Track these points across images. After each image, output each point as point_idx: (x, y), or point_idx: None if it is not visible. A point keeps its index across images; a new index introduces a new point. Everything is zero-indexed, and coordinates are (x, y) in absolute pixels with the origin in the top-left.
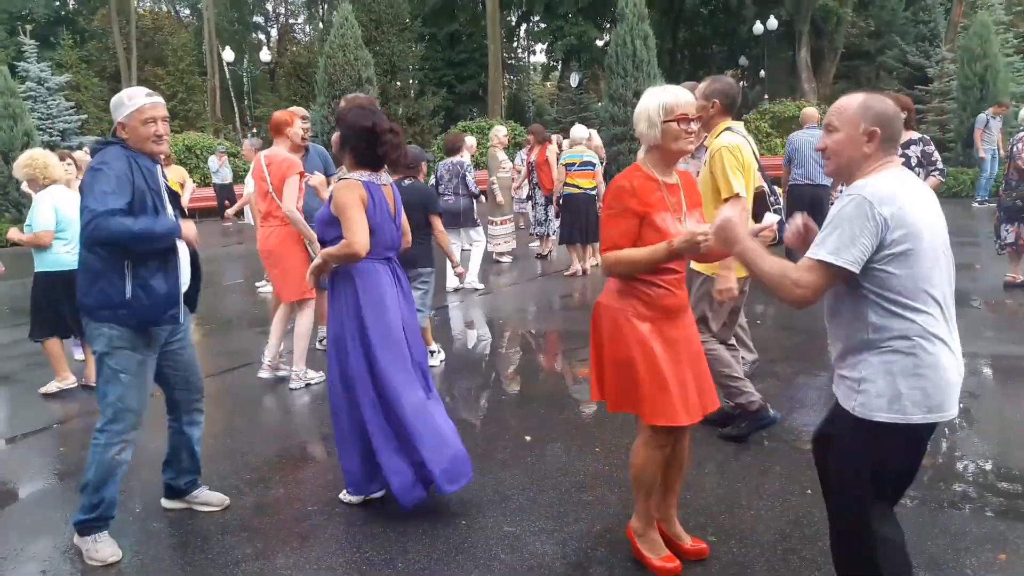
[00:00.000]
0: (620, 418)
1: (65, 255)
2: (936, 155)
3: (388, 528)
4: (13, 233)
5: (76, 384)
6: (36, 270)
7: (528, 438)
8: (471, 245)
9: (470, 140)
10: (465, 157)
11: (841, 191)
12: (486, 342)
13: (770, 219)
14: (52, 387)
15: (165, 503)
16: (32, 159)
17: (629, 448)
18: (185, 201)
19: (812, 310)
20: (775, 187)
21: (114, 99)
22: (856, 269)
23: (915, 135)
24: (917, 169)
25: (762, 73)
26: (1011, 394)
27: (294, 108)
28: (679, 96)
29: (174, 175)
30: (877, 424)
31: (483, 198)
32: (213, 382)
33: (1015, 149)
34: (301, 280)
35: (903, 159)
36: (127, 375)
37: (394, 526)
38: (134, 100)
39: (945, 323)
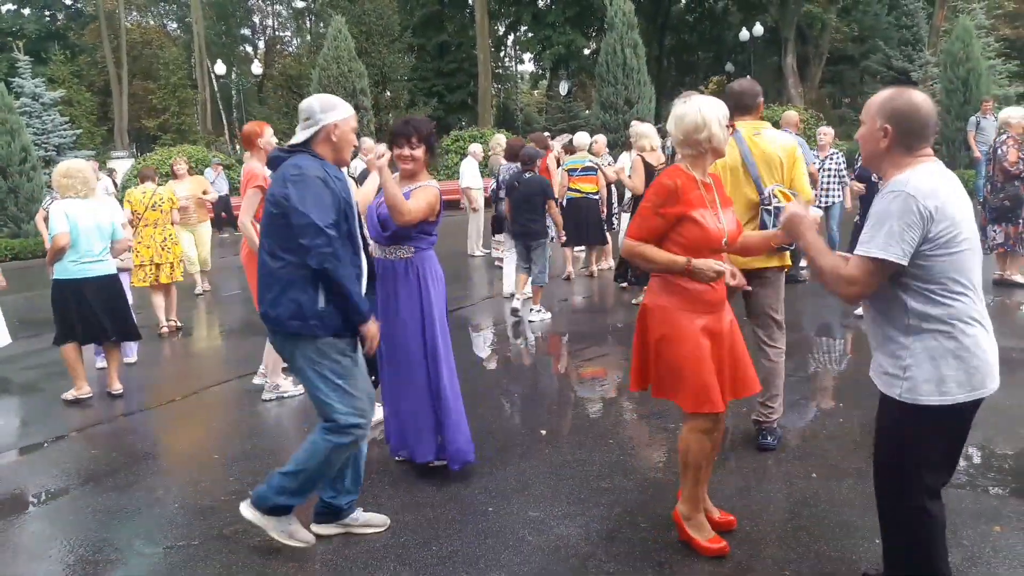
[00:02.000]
0: (629, 414)
1: (71, 265)
2: None
3: (420, 516)
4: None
5: (91, 395)
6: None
7: (544, 432)
8: (506, 252)
9: (475, 147)
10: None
11: (830, 198)
12: (496, 343)
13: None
14: (70, 395)
15: (318, 529)
16: (79, 171)
17: (640, 440)
18: (212, 197)
19: (798, 308)
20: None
21: (321, 102)
22: (905, 263)
23: None
24: None
25: (748, 79)
26: (1002, 382)
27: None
28: (723, 106)
29: (196, 187)
30: (924, 408)
31: None
32: (223, 390)
33: (1000, 151)
34: None
35: None
36: (334, 375)
37: (425, 513)
38: (345, 106)
39: (979, 305)
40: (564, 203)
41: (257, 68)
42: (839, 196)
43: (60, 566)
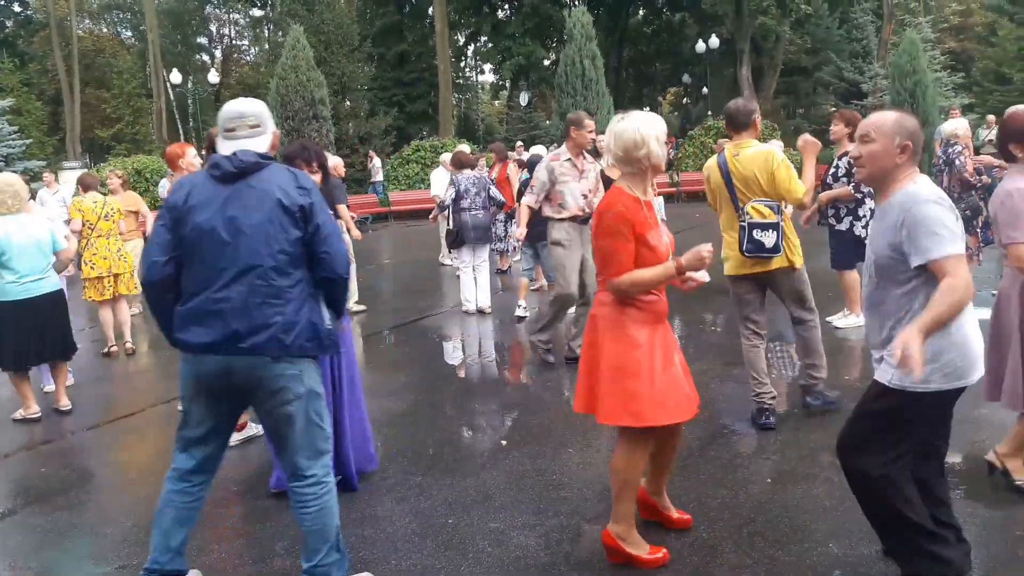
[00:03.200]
0: (588, 421)
1: (12, 287)
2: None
3: (378, 530)
4: None
5: (39, 414)
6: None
7: (504, 442)
8: (478, 265)
9: (446, 156)
10: (483, 170)
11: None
12: (456, 355)
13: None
14: (18, 415)
15: None
16: (8, 185)
17: (599, 448)
18: (150, 219)
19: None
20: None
21: (264, 108)
22: None
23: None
24: (843, 179)
25: (705, 90)
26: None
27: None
28: (662, 122)
29: (128, 203)
30: (908, 393)
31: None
32: (173, 407)
33: (958, 162)
34: None
35: (834, 169)
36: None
37: (383, 527)
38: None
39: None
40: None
41: (214, 77)
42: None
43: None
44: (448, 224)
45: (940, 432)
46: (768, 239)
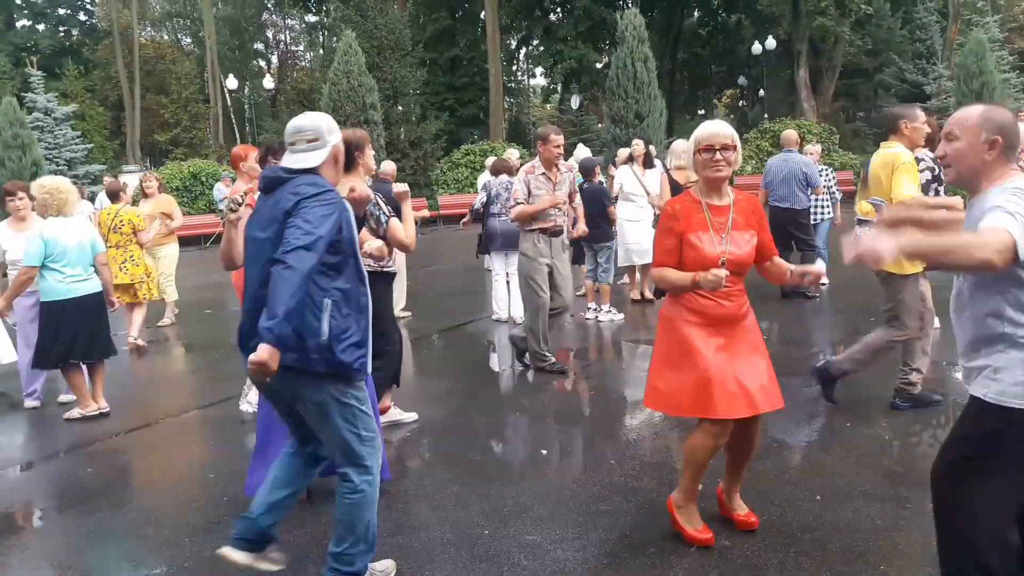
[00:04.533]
0: (630, 433)
1: (58, 284)
2: (922, 176)
3: (413, 539)
4: None
5: (98, 411)
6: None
7: (544, 452)
8: (512, 272)
9: (513, 153)
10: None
11: (821, 215)
12: (499, 362)
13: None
14: (75, 413)
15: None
16: (58, 189)
17: (640, 461)
18: (175, 224)
19: (807, 324)
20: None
21: (327, 121)
22: None
23: (919, 153)
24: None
25: (761, 92)
26: None
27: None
28: (706, 129)
29: (161, 206)
30: (1009, 410)
31: None
32: (214, 410)
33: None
34: None
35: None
36: (367, 404)
37: (419, 536)
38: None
39: None
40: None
41: (269, 83)
42: (829, 212)
43: None
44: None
45: None
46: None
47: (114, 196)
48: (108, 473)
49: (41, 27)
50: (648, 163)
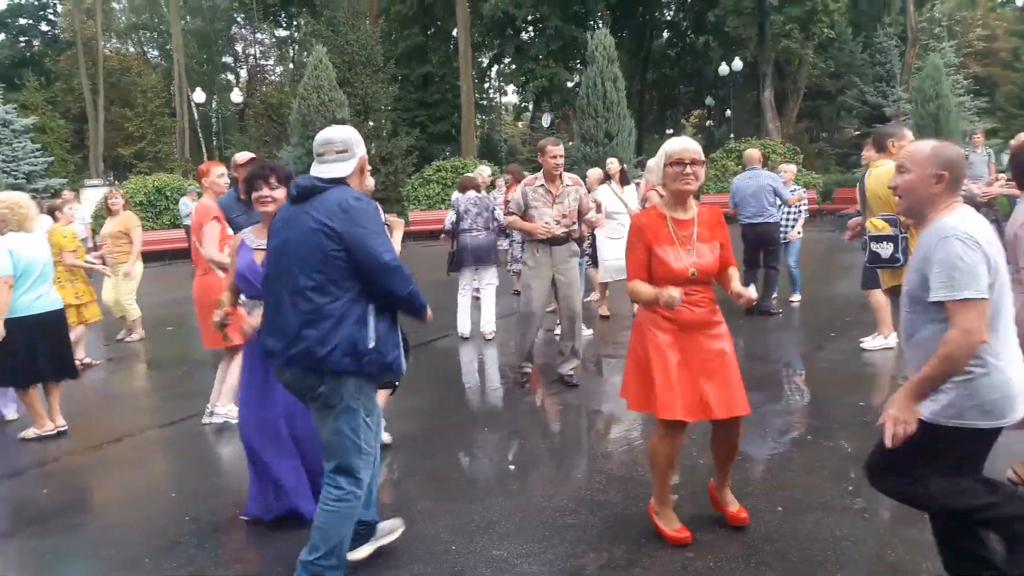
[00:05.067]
0: (596, 448)
1: (20, 300)
2: None
3: (380, 556)
4: None
5: (55, 430)
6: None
7: (511, 467)
8: (483, 287)
9: (484, 170)
10: (502, 191)
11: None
12: (468, 378)
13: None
14: (31, 433)
15: (357, 555)
16: (18, 204)
17: (607, 475)
18: (136, 248)
19: (769, 340)
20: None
21: (354, 134)
22: (989, 297)
23: None
24: None
25: (728, 113)
26: None
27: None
28: (676, 144)
29: (121, 225)
30: (943, 427)
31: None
32: (175, 428)
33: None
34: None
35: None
36: (371, 418)
37: (385, 551)
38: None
39: (1010, 342)
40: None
41: (237, 96)
42: (799, 232)
43: None
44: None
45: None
46: (884, 251)
47: (51, 215)
48: (65, 493)
49: (0, 36)
50: (624, 180)
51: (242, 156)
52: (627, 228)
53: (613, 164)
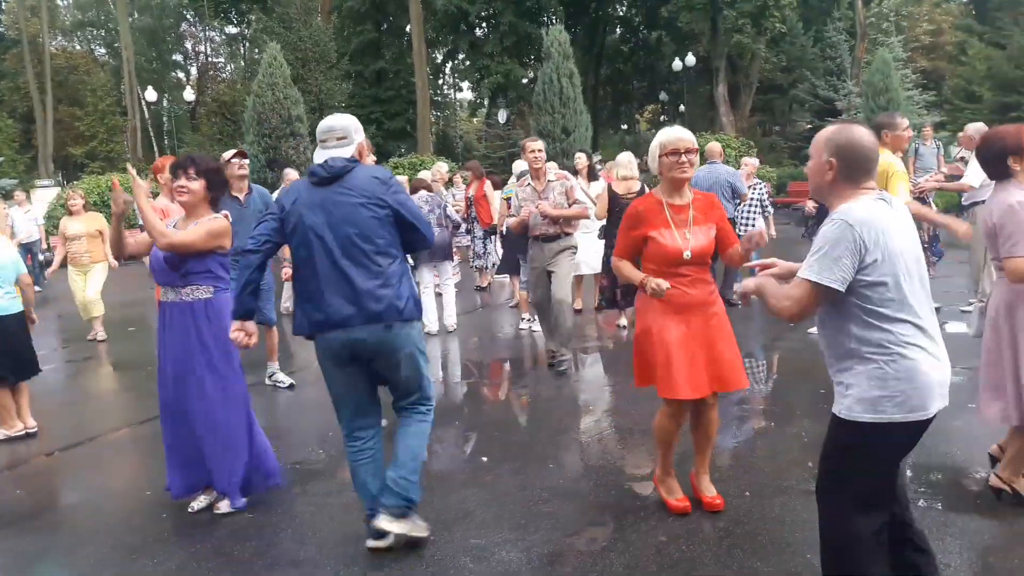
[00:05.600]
0: (569, 439)
1: None
2: None
3: (359, 548)
4: None
5: (24, 431)
6: None
7: (485, 459)
8: (443, 283)
9: (425, 173)
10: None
11: (746, 225)
12: (437, 373)
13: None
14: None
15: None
16: None
17: (582, 465)
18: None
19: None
20: None
21: (354, 122)
22: (841, 287)
23: None
24: None
25: (682, 108)
26: None
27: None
28: (672, 134)
29: (93, 223)
30: (859, 424)
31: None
32: (149, 427)
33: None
34: None
35: None
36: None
37: (363, 546)
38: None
39: (921, 331)
40: (504, 231)
41: (190, 95)
42: (754, 224)
43: None
44: None
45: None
46: None
47: None
48: (39, 495)
49: None
50: (592, 175)
51: (228, 154)
52: (593, 222)
53: (581, 159)
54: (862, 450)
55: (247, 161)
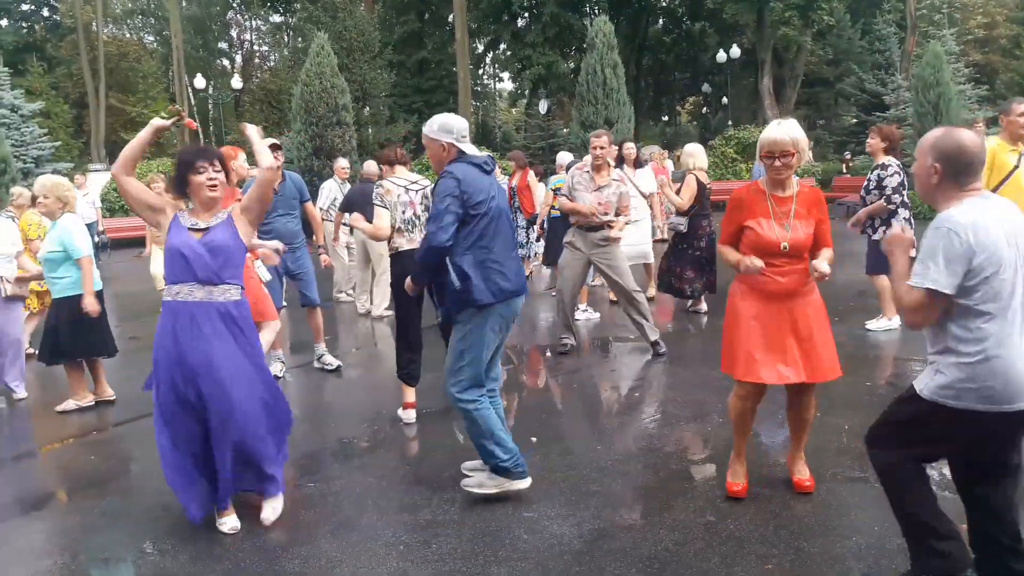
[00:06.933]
0: (613, 424)
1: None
2: (888, 181)
3: (418, 517)
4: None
5: (93, 402)
6: (62, 295)
7: (534, 439)
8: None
9: None
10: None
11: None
12: None
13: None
14: (70, 404)
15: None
16: (69, 188)
17: (627, 446)
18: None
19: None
20: None
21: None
22: (952, 292)
23: (886, 160)
24: (875, 191)
25: (725, 100)
26: None
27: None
28: (768, 135)
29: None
30: (934, 404)
31: None
32: None
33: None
34: (255, 302)
35: (867, 182)
36: None
37: (423, 515)
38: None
39: (1015, 332)
40: (546, 222)
41: (237, 82)
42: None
43: (61, 567)
44: None
45: (993, 452)
46: None
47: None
48: (112, 461)
49: (3, 22)
50: (638, 164)
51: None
52: (641, 211)
53: (631, 148)
54: (925, 425)
55: (281, 153)
